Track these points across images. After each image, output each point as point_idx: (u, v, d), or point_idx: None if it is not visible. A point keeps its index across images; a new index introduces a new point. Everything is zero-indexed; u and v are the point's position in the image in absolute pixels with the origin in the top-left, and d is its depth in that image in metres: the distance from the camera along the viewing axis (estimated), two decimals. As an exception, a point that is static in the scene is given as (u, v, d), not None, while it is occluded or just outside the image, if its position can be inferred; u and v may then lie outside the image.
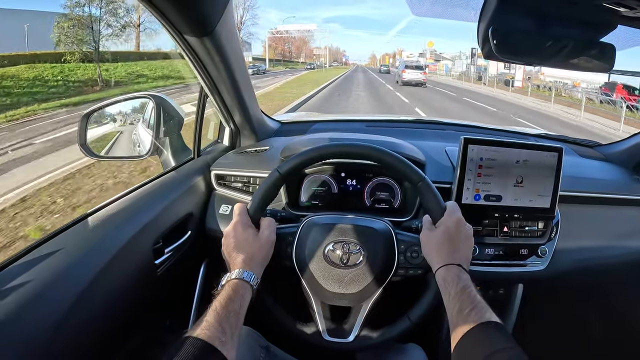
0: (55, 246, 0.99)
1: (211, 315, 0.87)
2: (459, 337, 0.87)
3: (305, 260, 1.15)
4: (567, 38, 0.94)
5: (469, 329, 0.86)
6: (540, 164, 1.38)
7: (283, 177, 1.14)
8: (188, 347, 0.79)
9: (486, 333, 0.85)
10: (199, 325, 0.84)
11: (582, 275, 1.56)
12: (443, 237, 1.06)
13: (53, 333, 0.87)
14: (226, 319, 0.87)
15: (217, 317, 0.86)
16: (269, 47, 74.21)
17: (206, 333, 0.82)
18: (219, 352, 0.80)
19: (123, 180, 5.25)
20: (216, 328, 0.84)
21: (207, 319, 0.86)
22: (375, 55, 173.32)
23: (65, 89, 13.09)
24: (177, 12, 1.10)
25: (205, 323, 0.84)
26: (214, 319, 0.86)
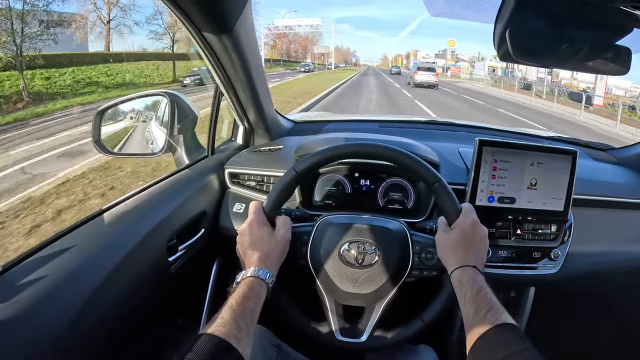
0: (69, 243, 1.00)
1: (227, 312, 0.87)
2: (475, 338, 0.87)
3: (320, 259, 1.15)
4: (583, 40, 0.94)
5: (485, 331, 0.86)
6: (554, 167, 1.38)
7: (300, 175, 1.14)
8: (203, 343, 0.78)
9: (502, 334, 0.85)
10: (214, 321, 0.84)
11: (594, 279, 1.55)
12: (458, 238, 1.06)
13: (68, 329, 0.87)
14: (242, 316, 0.87)
15: (233, 314, 0.86)
16: (269, 46, 71.50)
17: (222, 330, 0.82)
18: (235, 349, 0.80)
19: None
20: (232, 325, 0.84)
21: (223, 315, 0.86)
22: (387, 56, 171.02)
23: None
24: (197, 10, 1.11)
25: (221, 320, 0.84)
26: (230, 316, 0.86)
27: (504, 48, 0.92)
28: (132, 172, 5.63)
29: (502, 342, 0.84)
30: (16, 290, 0.84)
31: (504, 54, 0.93)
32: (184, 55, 22.99)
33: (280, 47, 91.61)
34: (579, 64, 0.98)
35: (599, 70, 1.00)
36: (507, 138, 1.48)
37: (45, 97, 13.13)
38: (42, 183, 5.57)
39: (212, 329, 0.82)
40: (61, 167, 6.38)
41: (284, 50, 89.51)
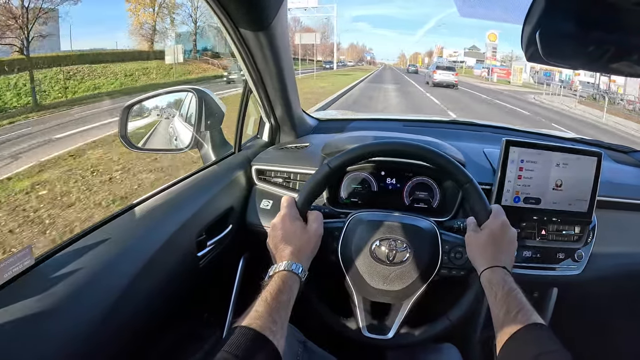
0: (101, 236, 1.00)
1: (261, 306, 0.87)
2: (505, 338, 0.87)
3: (352, 255, 1.16)
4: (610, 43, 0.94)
5: (516, 330, 0.86)
6: (580, 168, 1.38)
7: (333, 171, 1.15)
8: (240, 336, 0.79)
9: (533, 335, 0.86)
10: (248, 314, 0.85)
11: (617, 281, 1.55)
12: (488, 239, 1.07)
13: (100, 323, 0.87)
14: (276, 309, 0.87)
15: (268, 307, 0.87)
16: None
17: (258, 323, 0.82)
18: (271, 342, 0.81)
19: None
20: (267, 318, 0.84)
21: (257, 309, 0.86)
22: (405, 54, 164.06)
23: None
24: (236, 7, 1.13)
25: (256, 313, 0.85)
26: (265, 309, 0.86)
27: (532, 49, 0.92)
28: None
29: (533, 342, 0.84)
30: (49, 284, 0.84)
31: (532, 54, 0.94)
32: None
33: (293, 45, 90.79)
34: (606, 66, 0.98)
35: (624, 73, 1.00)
36: (532, 139, 1.48)
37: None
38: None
39: (247, 321, 0.82)
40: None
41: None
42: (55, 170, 5.41)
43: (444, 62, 38.18)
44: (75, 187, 4.95)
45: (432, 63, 64.04)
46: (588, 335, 1.86)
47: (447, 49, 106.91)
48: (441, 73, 30.45)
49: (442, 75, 30.15)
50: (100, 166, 5.70)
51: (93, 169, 5.61)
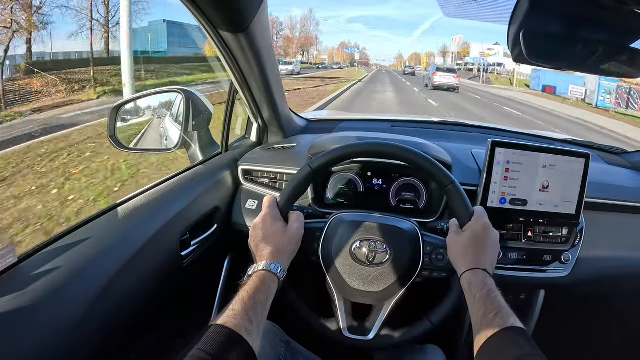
0: (83, 235, 1.01)
1: (238, 304, 0.87)
2: (482, 341, 0.87)
3: (332, 256, 1.16)
4: (598, 43, 0.94)
5: (493, 334, 0.86)
6: (567, 170, 1.37)
7: (314, 172, 1.15)
8: (214, 334, 0.79)
9: (510, 338, 0.85)
10: (224, 313, 0.85)
11: (605, 283, 1.55)
12: (470, 241, 1.06)
13: (80, 321, 0.88)
14: (253, 309, 0.88)
15: (244, 306, 0.87)
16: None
17: (233, 322, 0.82)
18: (245, 341, 0.81)
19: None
20: (243, 317, 0.84)
21: (234, 307, 0.86)
22: (403, 55, 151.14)
23: None
24: (214, 9, 1.12)
25: (232, 312, 0.85)
26: (241, 308, 0.86)
27: (517, 49, 0.92)
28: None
29: (509, 346, 0.84)
30: (31, 281, 0.84)
31: (518, 55, 0.94)
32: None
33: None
34: (593, 66, 0.98)
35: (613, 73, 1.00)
36: (520, 140, 1.47)
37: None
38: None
39: (222, 320, 0.82)
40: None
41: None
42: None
43: (443, 65, 34.95)
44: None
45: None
46: (576, 337, 1.86)
47: (479, 44, 67.77)
48: (442, 75, 28.48)
49: (442, 78, 28.29)
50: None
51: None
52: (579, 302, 1.79)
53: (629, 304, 1.86)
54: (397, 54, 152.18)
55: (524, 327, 0.88)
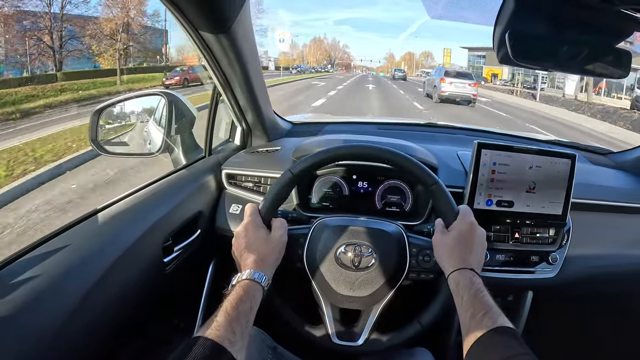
0: (64, 242, 0.99)
1: (221, 316, 0.86)
2: (471, 342, 0.86)
3: (316, 262, 1.15)
4: (584, 44, 0.94)
5: (482, 334, 0.85)
6: (553, 171, 1.37)
7: (296, 177, 1.14)
8: (198, 347, 0.78)
9: (499, 338, 0.85)
10: (208, 325, 0.84)
11: (592, 283, 1.55)
12: (456, 241, 1.05)
13: (60, 329, 0.87)
14: (236, 319, 0.87)
15: (228, 317, 0.86)
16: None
17: (216, 333, 0.81)
18: (228, 352, 0.80)
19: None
20: (226, 329, 0.83)
21: (217, 319, 0.85)
22: (394, 55, 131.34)
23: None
24: (194, 8, 1.10)
25: (215, 323, 0.84)
26: (224, 319, 0.85)
27: (503, 50, 0.92)
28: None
29: (499, 346, 0.83)
30: (10, 289, 0.83)
31: (504, 56, 0.93)
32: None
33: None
34: (579, 67, 0.98)
35: (599, 74, 1.00)
36: (506, 141, 1.47)
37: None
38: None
39: (206, 332, 0.82)
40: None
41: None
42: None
43: (453, 68, 24.16)
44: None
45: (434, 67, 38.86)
46: (564, 337, 1.86)
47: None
48: (452, 83, 19.36)
49: (453, 87, 19.30)
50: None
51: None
52: (567, 302, 1.80)
53: (617, 303, 1.87)
54: (387, 54, 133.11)
55: (513, 326, 0.87)
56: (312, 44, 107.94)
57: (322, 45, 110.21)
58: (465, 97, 19.43)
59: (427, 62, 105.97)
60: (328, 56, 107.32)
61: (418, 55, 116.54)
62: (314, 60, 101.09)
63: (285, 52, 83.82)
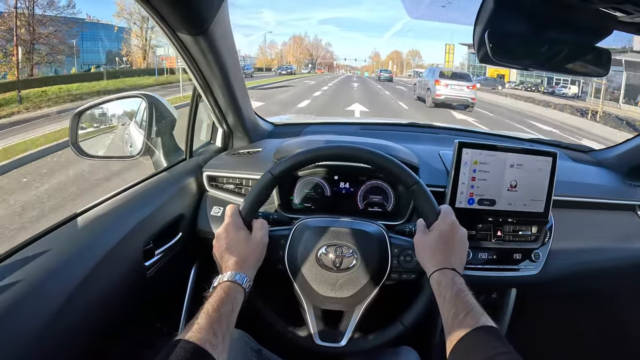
0: (44, 246, 0.98)
1: (203, 318, 0.86)
2: (454, 341, 0.86)
3: (298, 263, 1.14)
4: (563, 42, 0.94)
5: (465, 334, 0.85)
6: (534, 169, 1.38)
7: (276, 178, 1.13)
8: (179, 350, 0.78)
9: (482, 337, 0.85)
10: (190, 327, 0.83)
11: (575, 279, 1.57)
12: (437, 240, 1.05)
13: (42, 334, 0.86)
14: (218, 321, 0.86)
15: (209, 319, 0.85)
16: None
17: (197, 336, 0.81)
18: (210, 355, 0.79)
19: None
20: (207, 331, 0.83)
21: (199, 321, 0.85)
22: (380, 53, 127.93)
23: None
24: (170, 10, 1.08)
25: (197, 326, 0.84)
26: (206, 321, 0.85)
27: (483, 50, 0.92)
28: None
29: (481, 345, 0.83)
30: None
31: (484, 56, 0.94)
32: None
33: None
34: (559, 66, 0.99)
35: (579, 72, 1.01)
36: (488, 140, 1.48)
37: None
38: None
39: (187, 334, 0.81)
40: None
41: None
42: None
43: (448, 69, 21.60)
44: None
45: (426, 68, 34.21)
46: (548, 334, 1.88)
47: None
48: (448, 85, 17.48)
49: (449, 89, 17.43)
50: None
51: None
52: (550, 299, 1.81)
53: (599, 298, 1.89)
54: (373, 52, 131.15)
55: (495, 325, 0.87)
56: (292, 43, 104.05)
57: (303, 44, 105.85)
58: (462, 101, 17.75)
59: (415, 61, 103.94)
60: (310, 55, 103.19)
61: (405, 53, 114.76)
62: (294, 59, 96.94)
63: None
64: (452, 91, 17.38)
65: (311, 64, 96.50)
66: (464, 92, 17.47)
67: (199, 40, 1.21)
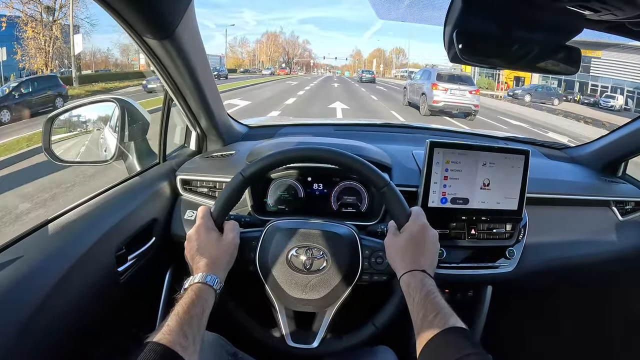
0: (13, 254, 0.97)
1: (173, 320, 0.85)
2: (423, 343, 0.86)
3: (269, 265, 1.14)
4: (534, 41, 0.95)
5: (434, 335, 0.86)
6: (507, 167, 1.40)
7: (246, 180, 1.13)
8: (149, 352, 0.77)
9: (451, 338, 0.85)
10: (160, 329, 0.83)
11: (550, 275, 1.59)
12: (407, 242, 1.06)
13: (14, 341, 0.85)
14: (188, 323, 0.86)
15: (179, 321, 0.85)
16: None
17: (167, 338, 0.80)
18: (181, 357, 0.79)
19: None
20: (178, 333, 0.83)
21: (169, 323, 0.85)
22: (361, 52, 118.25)
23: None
24: (133, 13, 1.07)
25: (167, 327, 0.83)
26: (176, 323, 0.85)
27: (453, 50, 0.93)
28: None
29: (450, 346, 0.84)
30: None
31: (454, 56, 0.94)
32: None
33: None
34: (530, 65, 1.00)
35: (550, 71, 1.02)
36: (461, 139, 1.49)
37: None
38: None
39: (157, 337, 0.81)
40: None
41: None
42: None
43: (447, 70, 16.77)
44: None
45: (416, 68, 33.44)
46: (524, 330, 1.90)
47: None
48: (449, 89, 15.10)
49: (450, 95, 15.09)
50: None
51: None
52: (526, 295, 1.83)
53: (574, 293, 1.91)
54: (354, 50, 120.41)
55: (465, 326, 0.88)
56: (265, 40, 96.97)
57: (278, 41, 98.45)
58: (464, 108, 15.23)
59: (399, 60, 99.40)
60: (286, 53, 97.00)
61: (388, 52, 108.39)
62: (267, 58, 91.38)
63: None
64: (452, 97, 14.97)
65: (286, 63, 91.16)
66: (465, 98, 15.11)
67: (165, 44, 1.20)
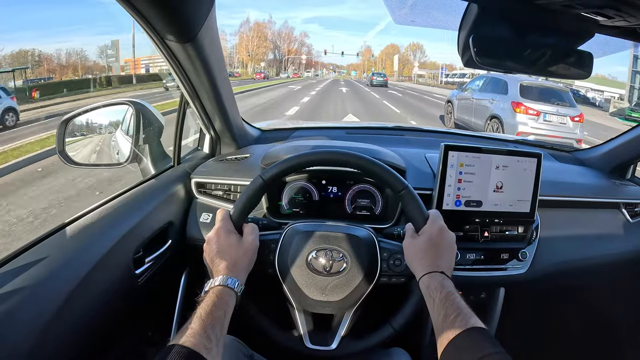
0: (35, 256, 0.98)
1: (196, 323, 0.86)
2: (445, 343, 0.87)
3: (288, 267, 1.15)
4: (546, 46, 0.96)
5: (455, 336, 0.86)
6: (520, 170, 1.40)
7: (266, 183, 1.13)
8: (174, 355, 0.77)
9: (472, 339, 0.86)
10: (183, 332, 0.83)
11: (562, 277, 1.59)
12: (426, 245, 1.06)
13: (34, 345, 0.86)
14: (211, 326, 0.86)
15: (202, 324, 0.86)
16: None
17: (191, 340, 0.81)
18: (205, 359, 0.79)
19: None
20: (201, 335, 0.83)
21: (192, 326, 0.85)
22: (371, 48, 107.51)
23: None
24: (159, 17, 1.08)
25: (190, 330, 0.83)
26: (199, 326, 0.85)
27: (467, 54, 0.94)
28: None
29: (471, 347, 0.84)
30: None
31: (468, 59, 0.95)
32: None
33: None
34: (542, 69, 1.00)
35: (562, 75, 1.02)
36: (473, 142, 1.49)
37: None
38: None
39: (181, 339, 0.81)
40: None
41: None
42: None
43: (537, 83, 9.54)
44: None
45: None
46: (537, 332, 1.90)
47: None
48: (541, 112, 9.23)
49: (543, 123, 9.16)
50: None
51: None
52: (538, 297, 1.83)
53: (586, 294, 1.91)
54: (363, 47, 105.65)
55: (485, 327, 0.88)
56: (247, 32, 73.83)
57: (264, 33, 75.19)
58: (564, 146, 5.20)
59: (417, 58, 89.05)
60: (275, 49, 74.84)
61: (404, 48, 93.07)
62: (247, 56, 69.57)
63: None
64: (547, 126, 9.19)
65: (277, 61, 72.02)
66: (566, 129, 9.32)
67: (187, 47, 1.21)
